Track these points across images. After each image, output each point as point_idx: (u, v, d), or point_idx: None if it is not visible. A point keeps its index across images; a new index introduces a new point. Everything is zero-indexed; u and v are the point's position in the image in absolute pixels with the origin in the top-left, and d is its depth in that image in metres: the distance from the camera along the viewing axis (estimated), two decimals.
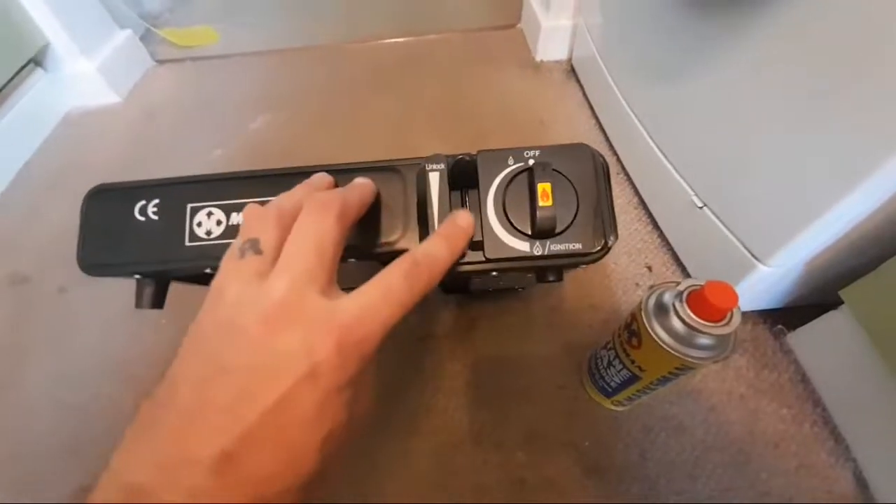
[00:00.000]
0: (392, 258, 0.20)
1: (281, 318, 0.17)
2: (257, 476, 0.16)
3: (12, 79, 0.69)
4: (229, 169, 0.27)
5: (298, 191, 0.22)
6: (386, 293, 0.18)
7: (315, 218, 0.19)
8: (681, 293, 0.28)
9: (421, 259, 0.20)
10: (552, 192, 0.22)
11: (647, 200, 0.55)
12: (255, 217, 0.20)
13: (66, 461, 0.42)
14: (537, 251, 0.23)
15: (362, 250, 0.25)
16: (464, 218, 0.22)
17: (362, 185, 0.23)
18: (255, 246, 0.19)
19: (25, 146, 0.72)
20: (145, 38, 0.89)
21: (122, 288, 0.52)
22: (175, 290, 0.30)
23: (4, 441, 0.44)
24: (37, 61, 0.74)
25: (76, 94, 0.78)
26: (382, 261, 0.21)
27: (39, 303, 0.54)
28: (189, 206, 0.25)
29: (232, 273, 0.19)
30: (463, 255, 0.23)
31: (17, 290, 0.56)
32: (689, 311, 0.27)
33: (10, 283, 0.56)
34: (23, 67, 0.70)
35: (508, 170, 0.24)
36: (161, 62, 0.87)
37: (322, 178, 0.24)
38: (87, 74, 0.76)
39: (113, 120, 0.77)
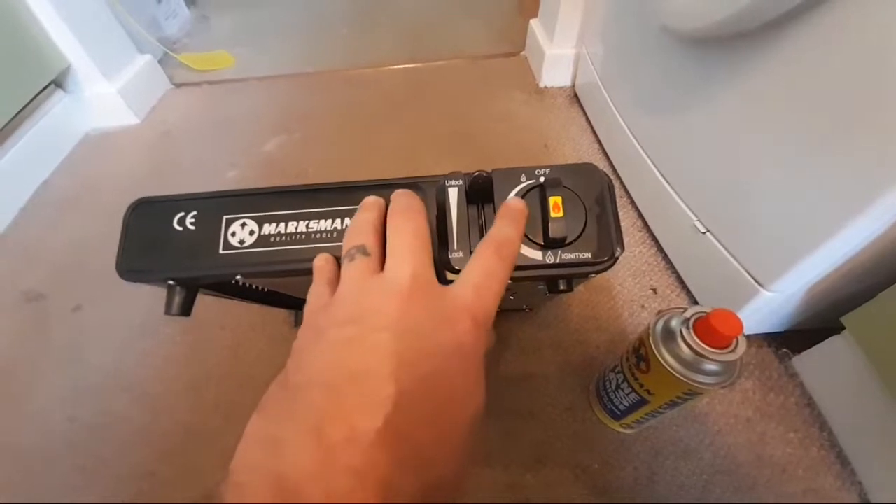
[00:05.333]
0: None
1: (415, 298, 0.18)
2: (423, 456, 0.15)
3: (34, 99, 0.72)
4: None
5: (371, 209, 0.23)
6: (489, 273, 0.20)
7: (409, 217, 0.21)
8: (687, 320, 0.29)
9: (500, 240, 0.21)
10: (563, 204, 0.24)
11: (650, 224, 0.57)
12: (352, 231, 0.22)
13: (77, 477, 0.42)
14: (549, 259, 0.24)
15: None
16: (516, 200, 0.24)
17: (415, 197, 0.24)
18: (362, 250, 0.20)
19: (44, 165, 0.75)
20: (164, 62, 0.92)
21: (136, 307, 0.54)
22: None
23: (16, 456, 0.45)
24: (58, 83, 0.77)
25: (96, 116, 0.81)
26: None
27: (54, 320, 0.55)
28: (224, 217, 0.27)
29: (347, 272, 0.20)
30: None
31: (33, 306, 0.57)
32: (695, 338, 0.28)
33: (26, 300, 0.57)
34: (44, 88, 0.73)
35: (521, 186, 0.25)
36: (178, 85, 0.91)
37: (376, 200, 0.24)
38: (108, 96, 0.79)
39: (131, 141, 0.80)
